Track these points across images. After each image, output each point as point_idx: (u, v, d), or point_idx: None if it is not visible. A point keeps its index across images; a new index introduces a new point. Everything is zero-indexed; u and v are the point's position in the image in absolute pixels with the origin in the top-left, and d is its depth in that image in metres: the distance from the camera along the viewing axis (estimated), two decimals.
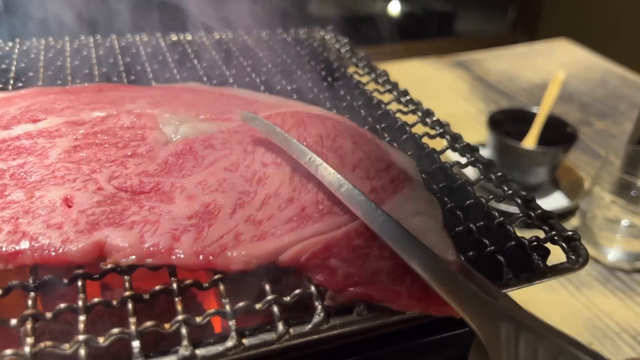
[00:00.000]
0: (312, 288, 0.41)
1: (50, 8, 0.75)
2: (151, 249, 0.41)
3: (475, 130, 1.38)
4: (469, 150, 0.58)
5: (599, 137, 1.39)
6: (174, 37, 0.83)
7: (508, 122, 1.22)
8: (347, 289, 0.39)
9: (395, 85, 0.70)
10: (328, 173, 0.46)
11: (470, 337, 0.51)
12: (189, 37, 0.84)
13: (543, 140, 1.17)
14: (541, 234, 0.48)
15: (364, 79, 0.73)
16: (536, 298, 0.92)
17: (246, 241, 0.42)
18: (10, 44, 0.76)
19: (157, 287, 0.40)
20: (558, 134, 1.18)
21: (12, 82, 0.66)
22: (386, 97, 0.68)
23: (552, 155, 1.12)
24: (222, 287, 0.41)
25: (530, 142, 1.18)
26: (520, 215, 0.50)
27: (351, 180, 0.47)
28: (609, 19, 2.27)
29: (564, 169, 1.20)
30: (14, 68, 0.70)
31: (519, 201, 0.51)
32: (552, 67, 1.76)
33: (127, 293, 0.39)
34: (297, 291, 0.40)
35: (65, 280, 0.40)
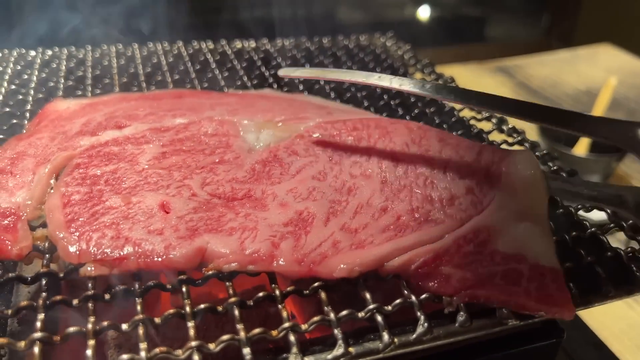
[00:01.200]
0: (413, 298, 0.40)
1: (117, 15, 0.76)
2: (253, 255, 0.41)
3: None
4: (550, 158, 0.57)
5: None
6: (239, 45, 0.84)
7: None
8: (463, 292, 0.39)
9: None
10: (404, 81, 0.49)
11: (555, 349, 0.51)
12: (252, 44, 0.85)
13: (595, 147, 1.16)
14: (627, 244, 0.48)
15: None
16: (592, 309, 0.91)
17: (345, 249, 0.42)
18: (82, 51, 0.78)
19: (261, 294, 0.40)
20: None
21: (90, 88, 0.68)
22: (457, 104, 0.68)
23: (605, 163, 1.11)
24: (323, 294, 0.41)
25: (582, 149, 1.16)
26: (612, 225, 0.49)
27: (445, 183, 0.47)
28: None
29: (617, 177, 1.18)
30: (90, 75, 0.71)
31: (608, 211, 0.50)
32: (596, 73, 1.73)
33: (232, 299, 0.39)
34: (398, 301, 0.40)
35: (169, 286, 0.41)
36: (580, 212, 0.50)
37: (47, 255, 0.43)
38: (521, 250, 0.42)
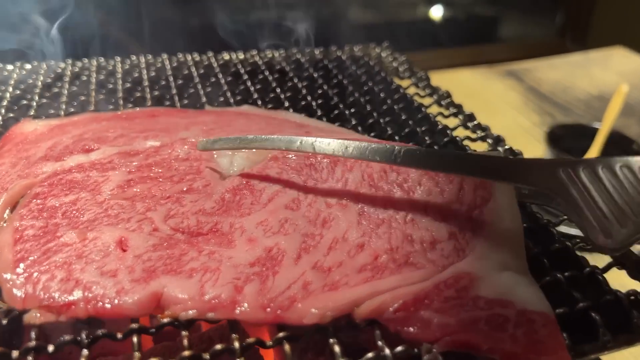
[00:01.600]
0: (387, 351, 0.37)
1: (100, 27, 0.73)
2: (213, 301, 0.38)
3: (531, 145, 1.32)
4: None
5: None
6: (226, 57, 0.80)
7: (568, 138, 1.16)
8: (444, 338, 0.35)
9: (460, 108, 0.66)
10: (327, 144, 0.45)
11: None
12: (240, 56, 0.81)
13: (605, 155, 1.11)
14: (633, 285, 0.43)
15: (426, 101, 0.69)
16: None
17: (316, 291, 0.39)
18: (62, 65, 0.74)
19: (218, 347, 0.37)
20: (621, 151, 1.10)
21: (64, 107, 0.64)
22: (451, 122, 0.64)
23: None
24: (287, 346, 0.37)
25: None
26: (613, 262, 0.45)
27: (426, 223, 0.44)
28: None
29: None
30: (66, 92, 0.68)
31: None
32: (609, 77, 1.67)
33: (186, 353, 0.36)
34: (370, 355, 0.36)
35: (120, 335, 0.38)
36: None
37: None
38: (507, 296, 0.38)
